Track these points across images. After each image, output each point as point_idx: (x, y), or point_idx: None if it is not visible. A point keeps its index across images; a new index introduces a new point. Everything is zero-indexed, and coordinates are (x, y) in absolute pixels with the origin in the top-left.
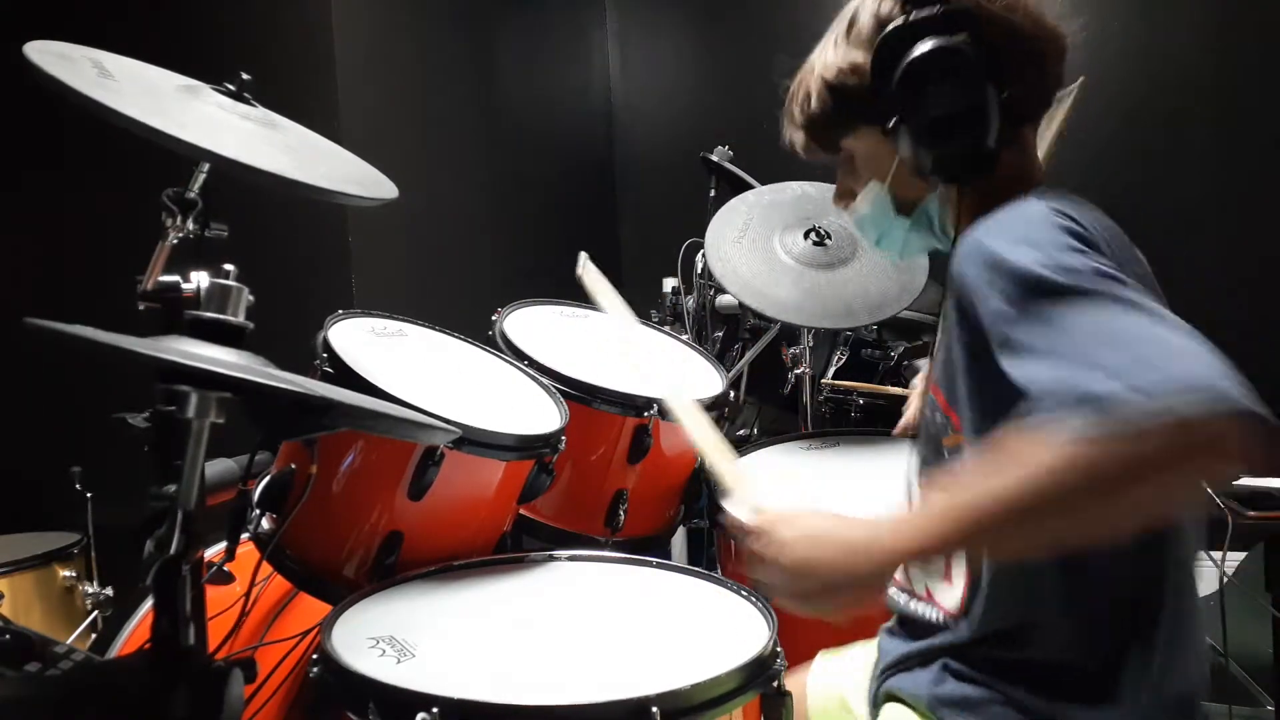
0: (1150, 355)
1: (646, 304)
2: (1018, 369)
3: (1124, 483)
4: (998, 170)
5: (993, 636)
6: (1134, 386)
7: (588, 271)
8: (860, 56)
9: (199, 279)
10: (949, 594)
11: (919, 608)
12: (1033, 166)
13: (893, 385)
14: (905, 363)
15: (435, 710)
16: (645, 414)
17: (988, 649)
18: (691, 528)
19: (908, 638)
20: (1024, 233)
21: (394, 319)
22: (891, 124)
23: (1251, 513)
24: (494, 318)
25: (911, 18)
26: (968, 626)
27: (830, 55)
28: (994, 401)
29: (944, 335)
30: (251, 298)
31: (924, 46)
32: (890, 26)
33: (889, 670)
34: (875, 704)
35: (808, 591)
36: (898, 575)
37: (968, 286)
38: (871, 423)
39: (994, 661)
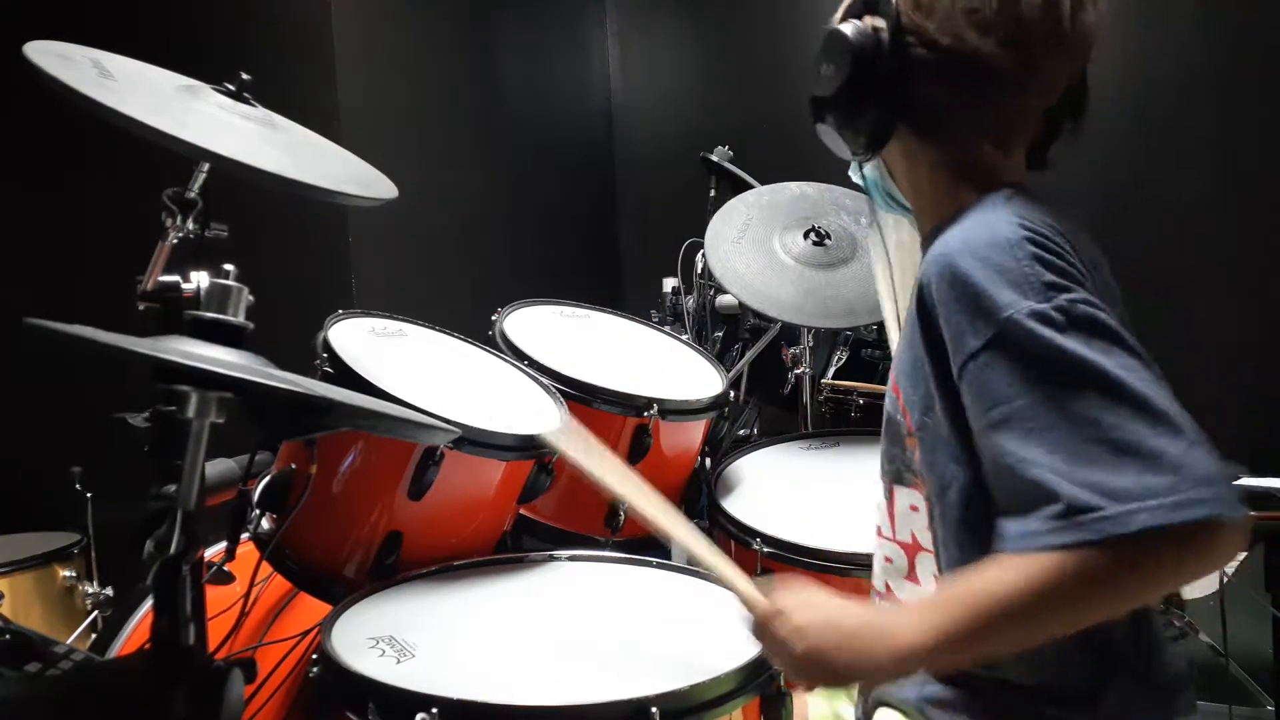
0: (1147, 462)
1: (646, 304)
2: (1010, 442)
3: (1126, 592)
4: (956, 162)
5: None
6: (1137, 497)
7: (567, 440)
8: None
9: (199, 279)
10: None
11: None
12: (995, 165)
13: None
14: None
15: (435, 710)
16: (645, 414)
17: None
18: None
19: None
20: (999, 261)
21: (394, 319)
22: None
23: (1251, 513)
24: (494, 318)
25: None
26: None
27: None
28: (956, 416)
29: (908, 339)
30: (251, 298)
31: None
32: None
33: None
34: (868, 714)
35: (819, 677)
36: (874, 581)
37: (936, 308)
38: (871, 423)
39: (974, 678)
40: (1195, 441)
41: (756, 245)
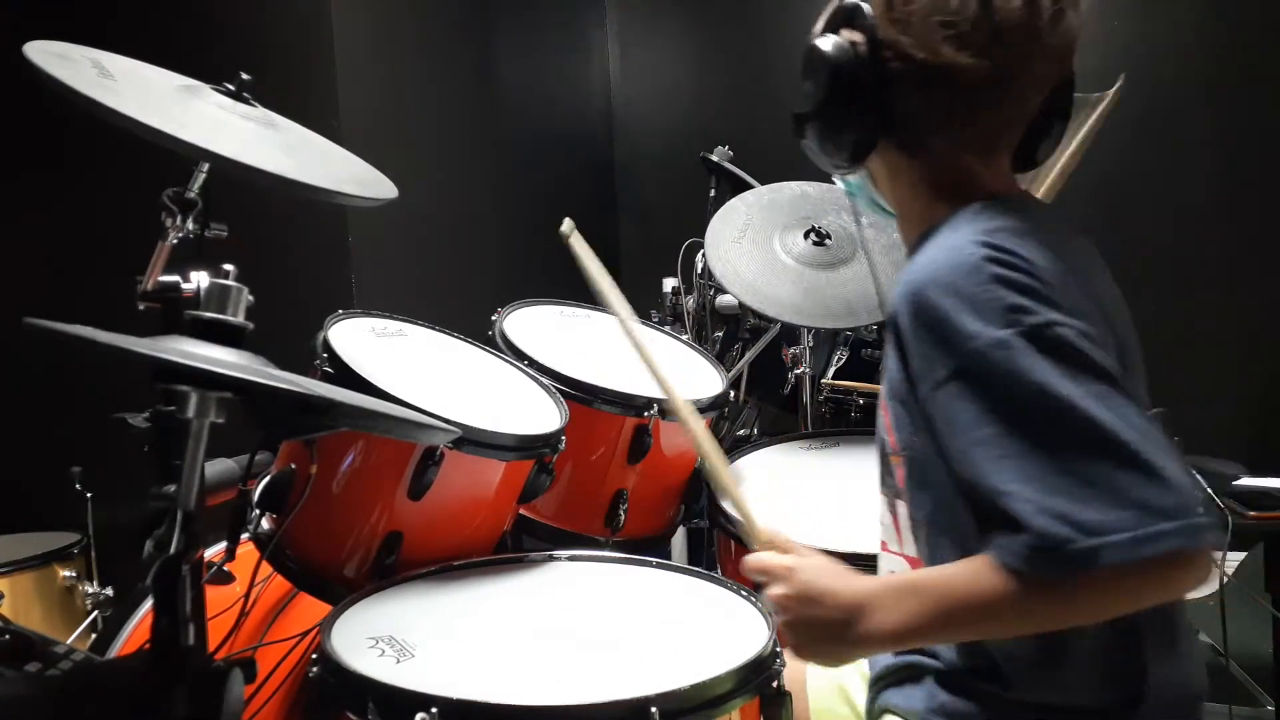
0: (1112, 496)
1: (646, 304)
2: (984, 466)
3: (1086, 614)
4: (936, 175)
5: (977, 669)
6: (1103, 532)
7: (575, 239)
8: None
9: (199, 279)
10: None
11: None
12: (976, 176)
13: None
14: None
15: (434, 710)
16: (645, 414)
17: (971, 679)
18: (691, 528)
19: None
20: (961, 287)
21: (394, 319)
22: None
23: (1251, 513)
24: (494, 318)
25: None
26: (952, 652)
27: None
28: (924, 440)
29: (892, 361)
30: (251, 298)
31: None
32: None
33: (880, 682)
34: (873, 717)
35: (798, 641)
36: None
37: (905, 335)
38: (871, 423)
39: (981, 690)
40: (1160, 471)
41: (757, 245)
